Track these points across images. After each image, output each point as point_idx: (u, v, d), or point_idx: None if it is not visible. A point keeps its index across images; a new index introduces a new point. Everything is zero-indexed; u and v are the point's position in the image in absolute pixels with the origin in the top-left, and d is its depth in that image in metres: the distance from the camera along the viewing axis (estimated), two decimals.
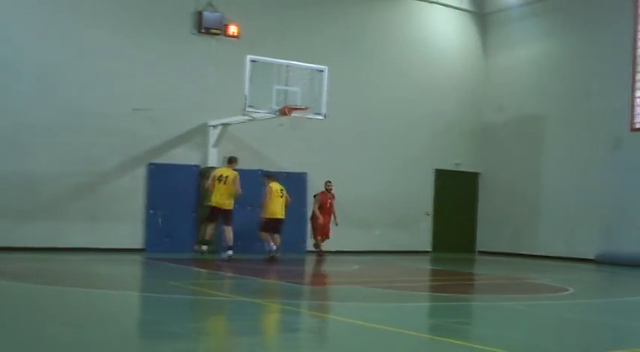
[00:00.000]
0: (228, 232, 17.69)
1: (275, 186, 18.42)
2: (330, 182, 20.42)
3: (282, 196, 18.36)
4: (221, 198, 17.61)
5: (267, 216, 18.23)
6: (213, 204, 17.73)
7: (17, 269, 14.38)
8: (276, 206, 18.27)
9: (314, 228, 20.36)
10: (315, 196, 20.42)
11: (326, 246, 20.92)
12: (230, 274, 14.93)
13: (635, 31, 21.33)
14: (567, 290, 13.21)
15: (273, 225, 18.29)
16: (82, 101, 18.77)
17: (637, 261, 19.83)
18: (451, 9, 24.85)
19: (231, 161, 18.09)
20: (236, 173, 17.79)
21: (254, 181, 19.68)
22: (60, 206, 18.61)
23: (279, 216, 18.32)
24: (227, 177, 17.69)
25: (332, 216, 20.44)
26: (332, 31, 22.33)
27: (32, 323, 7.93)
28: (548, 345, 7.78)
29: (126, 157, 19.39)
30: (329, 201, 20.33)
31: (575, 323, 9.64)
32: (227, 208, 17.75)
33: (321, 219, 20.03)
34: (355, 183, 22.37)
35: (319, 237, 20.33)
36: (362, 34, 22.98)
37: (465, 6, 25.11)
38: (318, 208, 20.10)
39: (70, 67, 18.77)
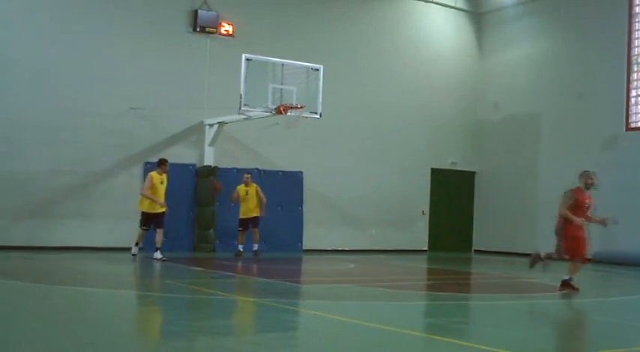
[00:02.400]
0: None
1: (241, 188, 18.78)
2: (589, 172, 13.40)
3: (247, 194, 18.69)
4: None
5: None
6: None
7: (11, 267, 14.34)
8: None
9: (570, 248, 12.95)
10: (566, 193, 13.61)
11: (320, 244, 20.92)
12: (227, 273, 14.91)
13: (630, 31, 21.36)
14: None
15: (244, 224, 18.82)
16: (77, 100, 18.73)
17: (634, 259, 19.83)
18: (447, 8, 24.85)
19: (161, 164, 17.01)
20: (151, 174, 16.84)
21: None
22: (55, 204, 18.57)
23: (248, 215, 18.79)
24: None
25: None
26: (328, 30, 22.32)
27: (24, 322, 7.89)
28: (545, 344, 7.76)
29: (122, 156, 19.36)
30: (588, 201, 13.40)
31: (572, 322, 9.64)
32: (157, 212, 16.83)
33: (581, 230, 13.16)
34: (351, 182, 22.36)
35: (577, 260, 13.04)
36: (358, 33, 22.96)
37: (460, 5, 25.11)
38: (573, 212, 13.15)
39: (66, 65, 18.72)
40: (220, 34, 20.47)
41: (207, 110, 19.73)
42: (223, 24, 20.50)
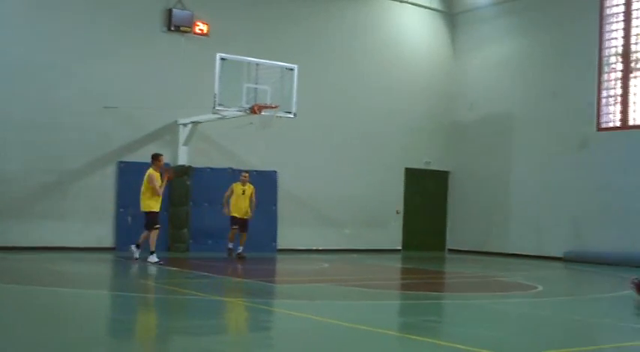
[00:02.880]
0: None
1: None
2: None
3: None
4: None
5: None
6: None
7: None
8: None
9: None
10: None
11: (295, 243, 20.98)
12: (202, 273, 14.88)
13: (601, 32, 21.58)
14: (536, 287, 13.31)
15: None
16: (51, 99, 18.61)
17: (604, 258, 20.05)
18: (421, 8, 24.94)
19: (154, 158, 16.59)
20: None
21: (224, 179, 19.67)
22: (29, 204, 18.43)
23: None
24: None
25: None
26: (302, 30, 22.33)
27: None
28: (517, 342, 7.83)
29: (96, 155, 19.27)
30: None
31: (544, 320, 9.72)
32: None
33: None
34: (325, 181, 22.40)
35: None
36: (332, 33, 23.00)
37: (434, 6, 25.22)
38: None
39: (40, 64, 18.57)
40: (195, 33, 20.41)
41: (181, 109, 19.66)
42: (198, 23, 20.45)
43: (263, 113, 17.70)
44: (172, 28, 20.06)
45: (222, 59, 17.51)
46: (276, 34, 21.71)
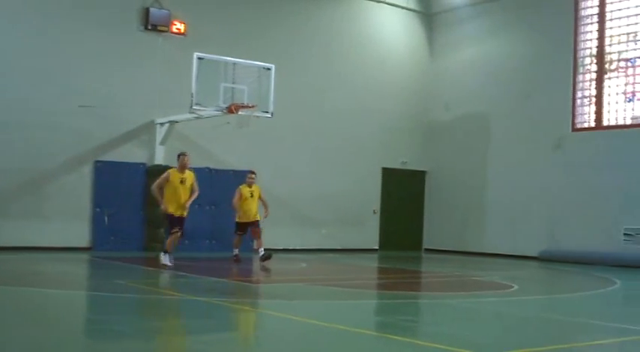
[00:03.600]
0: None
1: None
2: None
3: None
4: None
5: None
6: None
7: None
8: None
9: None
10: None
11: (272, 243, 20.94)
12: (178, 273, 14.85)
13: (576, 33, 21.78)
14: (512, 287, 13.40)
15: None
16: (27, 98, 18.49)
17: (579, 258, 20.23)
18: (398, 9, 25.04)
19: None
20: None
21: (202, 179, 19.62)
22: (4, 203, 18.31)
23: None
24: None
25: None
26: (280, 30, 22.33)
27: None
28: (493, 341, 7.90)
29: (72, 155, 19.17)
30: None
31: (519, 319, 9.81)
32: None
33: None
34: (302, 181, 22.43)
35: None
36: (310, 33, 23.03)
37: (411, 6, 25.32)
38: None
39: (16, 63, 18.47)
40: (172, 32, 20.37)
41: (158, 109, 19.63)
42: (175, 22, 20.40)
43: (240, 113, 17.69)
44: (149, 27, 20.01)
45: (200, 58, 17.49)
46: (253, 34, 21.70)
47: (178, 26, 20.44)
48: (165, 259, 14.93)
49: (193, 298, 10.59)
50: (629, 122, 20.76)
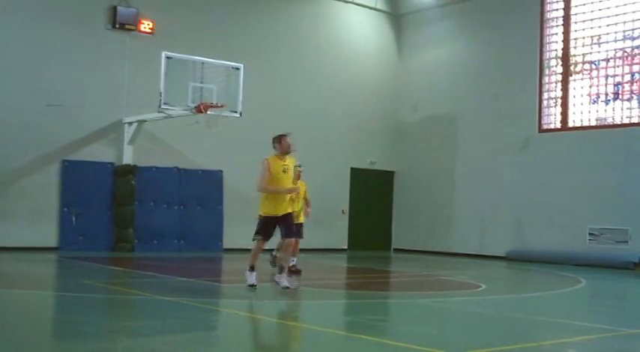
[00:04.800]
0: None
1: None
2: None
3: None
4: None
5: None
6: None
7: None
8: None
9: None
10: None
11: (241, 243, 20.93)
12: (147, 273, 14.80)
13: (542, 35, 22.02)
14: (480, 286, 13.52)
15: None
16: None
17: (546, 257, 20.46)
18: (366, 9, 25.12)
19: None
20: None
21: (170, 179, 19.63)
22: None
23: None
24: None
25: None
26: (249, 30, 22.30)
27: None
28: (462, 340, 7.97)
29: (39, 153, 19.01)
30: None
31: (487, 318, 9.91)
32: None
33: None
34: None
35: None
36: (279, 33, 23.03)
37: (380, 7, 25.41)
38: None
39: None
40: (140, 31, 20.26)
41: (126, 108, 19.53)
42: (143, 21, 20.30)
43: (209, 112, 17.65)
44: (117, 26, 19.88)
45: (168, 58, 17.44)
46: (222, 33, 21.66)
47: (147, 25, 20.34)
48: (250, 278, 11.84)
49: (161, 298, 10.55)
50: (593, 123, 21.03)
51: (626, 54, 20.59)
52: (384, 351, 7.26)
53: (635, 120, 20.18)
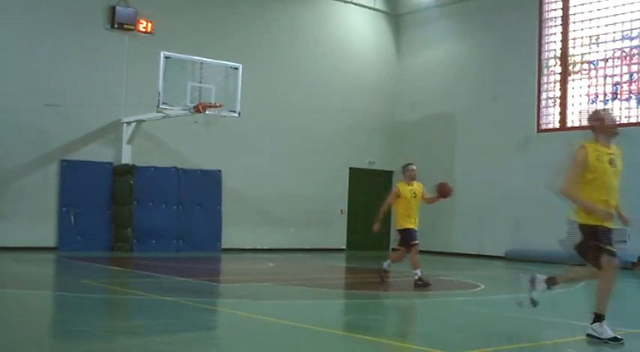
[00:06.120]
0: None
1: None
2: None
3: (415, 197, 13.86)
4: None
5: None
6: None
7: None
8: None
9: None
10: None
11: (239, 242, 20.96)
12: (145, 272, 14.80)
13: (541, 35, 22.04)
14: (479, 286, 13.52)
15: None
16: None
17: (544, 257, 20.46)
18: (365, 9, 25.13)
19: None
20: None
21: (168, 178, 19.65)
22: None
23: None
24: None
25: None
26: (247, 29, 22.30)
27: None
28: (460, 340, 7.97)
29: (37, 153, 19.01)
30: None
31: (486, 317, 9.92)
32: None
33: None
34: (270, 180, 22.41)
35: None
36: (277, 33, 23.03)
37: (379, 6, 25.42)
38: None
39: None
40: (139, 31, 20.25)
41: (125, 108, 19.52)
42: (142, 21, 20.29)
43: (207, 112, 17.66)
44: (116, 26, 19.87)
45: (167, 58, 17.44)
46: (221, 33, 21.66)
47: (145, 25, 20.33)
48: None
49: (160, 298, 10.55)
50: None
51: (624, 54, 20.61)
52: (382, 351, 7.26)
53: (633, 120, 20.20)
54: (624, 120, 20.37)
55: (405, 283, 15.01)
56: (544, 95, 21.98)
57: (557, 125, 21.71)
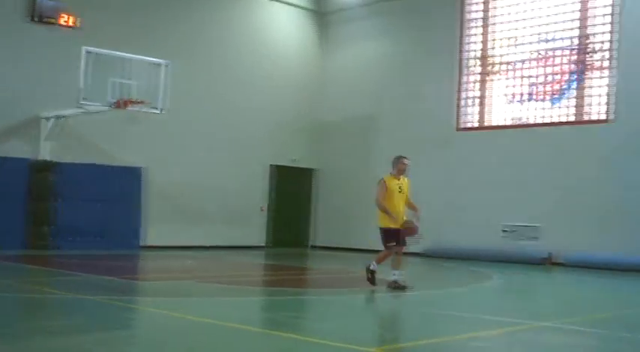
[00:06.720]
0: None
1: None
2: None
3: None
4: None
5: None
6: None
7: None
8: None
9: None
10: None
11: (160, 240, 20.85)
12: (64, 271, 14.60)
13: (462, 36, 22.49)
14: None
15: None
16: None
17: (461, 253, 20.93)
18: (291, 7, 25.21)
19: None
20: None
21: (89, 175, 19.40)
22: None
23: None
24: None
25: None
26: (174, 26, 22.13)
27: None
28: (374, 335, 8.13)
29: None
30: None
31: (401, 313, 10.12)
32: None
33: None
34: (193, 178, 22.31)
35: None
36: (204, 30, 22.93)
37: (304, 4, 25.53)
38: None
39: None
40: (60, 24, 19.86)
41: (45, 103, 19.15)
42: (64, 15, 19.90)
43: (129, 108, 17.49)
44: (36, 19, 19.46)
45: (88, 52, 17.20)
46: (147, 30, 21.41)
47: (67, 19, 19.94)
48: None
49: (79, 296, 10.46)
50: (510, 123, 21.59)
51: (540, 56, 21.18)
52: (298, 347, 7.36)
53: (548, 120, 20.79)
54: (539, 121, 20.97)
55: (323, 280, 15.15)
56: (464, 94, 22.44)
57: (477, 124, 22.19)
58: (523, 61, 21.49)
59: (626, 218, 18.93)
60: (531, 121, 21.15)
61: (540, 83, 21.13)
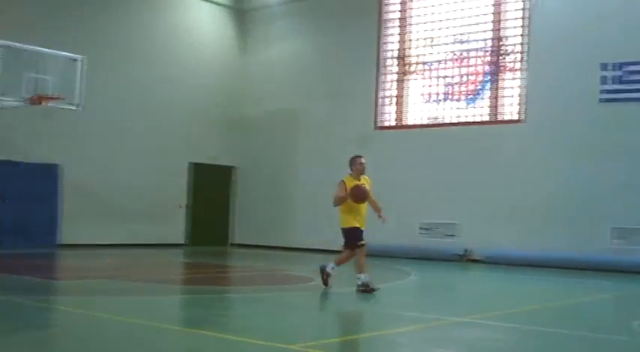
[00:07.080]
0: None
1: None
2: None
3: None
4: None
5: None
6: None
7: None
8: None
9: None
10: None
11: (78, 238, 20.53)
12: None
13: (380, 36, 22.79)
14: (313, 280, 13.84)
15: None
16: None
17: (382, 251, 21.16)
18: (211, 4, 25.11)
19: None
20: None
21: (5, 172, 18.99)
22: None
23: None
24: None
25: None
26: (91, 21, 21.75)
27: None
28: (297, 333, 8.22)
29: None
30: None
31: (322, 311, 10.24)
32: None
33: None
34: (111, 175, 22.02)
35: None
36: (122, 25, 22.62)
37: (225, 1, 25.46)
38: None
39: None
40: None
41: None
42: None
43: (44, 104, 17.16)
44: None
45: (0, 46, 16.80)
46: (63, 24, 20.95)
47: None
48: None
49: None
50: (426, 122, 21.98)
51: (456, 57, 21.63)
52: (222, 345, 7.40)
53: (463, 119, 21.26)
54: (455, 120, 21.43)
55: (244, 277, 15.19)
56: (381, 94, 22.74)
57: (394, 123, 22.52)
58: (439, 62, 21.91)
59: (537, 215, 19.50)
60: (447, 121, 21.60)
61: (456, 83, 21.58)
